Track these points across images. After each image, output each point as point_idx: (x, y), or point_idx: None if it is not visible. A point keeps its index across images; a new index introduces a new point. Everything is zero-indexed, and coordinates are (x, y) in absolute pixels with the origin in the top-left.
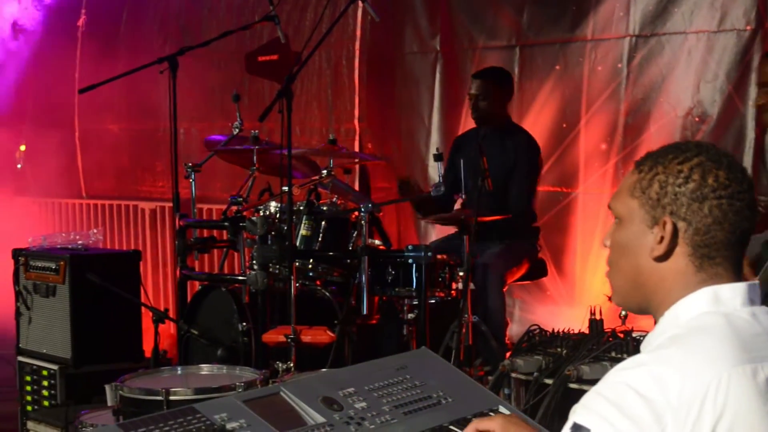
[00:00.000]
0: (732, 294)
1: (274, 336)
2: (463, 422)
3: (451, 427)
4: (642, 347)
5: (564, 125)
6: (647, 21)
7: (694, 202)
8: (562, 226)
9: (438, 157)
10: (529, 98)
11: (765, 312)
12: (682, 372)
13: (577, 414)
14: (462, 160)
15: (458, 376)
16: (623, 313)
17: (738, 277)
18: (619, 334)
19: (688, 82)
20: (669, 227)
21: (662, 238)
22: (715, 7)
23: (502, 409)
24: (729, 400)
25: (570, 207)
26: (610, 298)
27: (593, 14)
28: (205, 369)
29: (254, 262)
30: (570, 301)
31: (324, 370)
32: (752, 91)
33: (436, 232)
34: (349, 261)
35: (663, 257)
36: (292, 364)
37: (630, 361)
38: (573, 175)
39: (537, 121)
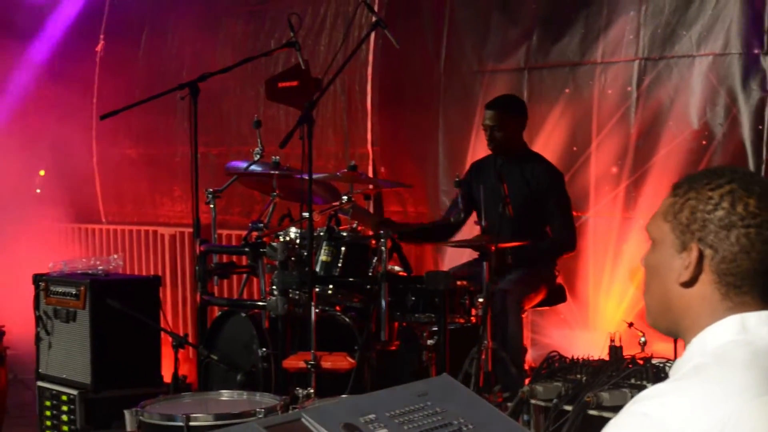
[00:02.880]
0: (759, 321)
1: (295, 362)
2: None
3: None
4: (670, 373)
5: (574, 148)
6: (656, 44)
7: (722, 230)
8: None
9: (458, 184)
10: (538, 122)
11: None
12: (700, 404)
13: None
14: (481, 187)
15: (479, 403)
16: (643, 339)
17: (766, 306)
18: (639, 361)
19: (696, 104)
20: (695, 254)
21: (689, 263)
22: (722, 30)
23: None
24: (749, 430)
25: (581, 230)
26: (630, 324)
27: (602, 37)
28: (225, 395)
29: (274, 287)
30: (583, 324)
31: (344, 396)
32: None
33: (462, 258)
34: (368, 287)
35: (689, 283)
36: (312, 390)
37: (650, 391)
38: (584, 198)
39: (547, 144)
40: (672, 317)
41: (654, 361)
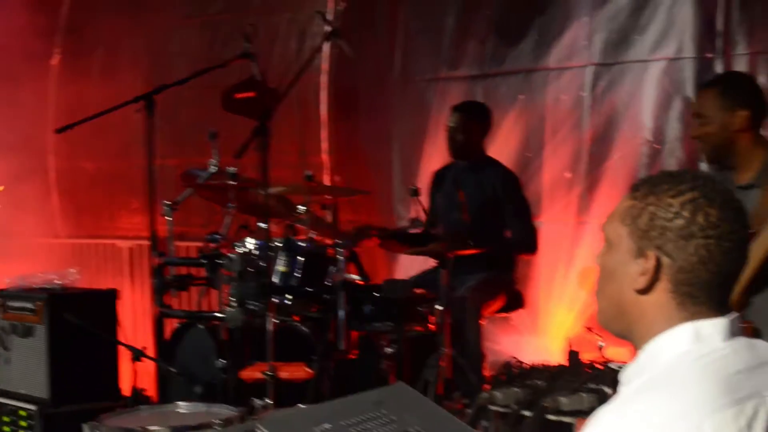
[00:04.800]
0: (713, 330)
1: (252, 373)
2: None
3: None
4: (621, 378)
5: (528, 154)
6: (609, 49)
7: (681, 240)
8: None
9: (414, 192)
10: (493, 128)
11: (746, 346)
12: (657, 422)
13: None
14: (440, 195)
15: (435, 411)
16: (601, 344)
17: (721, 314)
18: (597, 366)
19: (649, 109)
20: (652, 262)
21: (646, 271)
22: (676, 35)
23: None
24: None
25: None
26: (589, 329)
27: (556, 43)
28: (183, 407)
29: (232, 299)
30: (534, 331)
31: (301, 406)
32: None
33: (415, 267)
34: (326, 296)
35: (644, 290)
36: (269, 401)
37: (607, 411)
38: (537, 203)
39: (502, 150)
40: (625, 322)
41: (612, 365)
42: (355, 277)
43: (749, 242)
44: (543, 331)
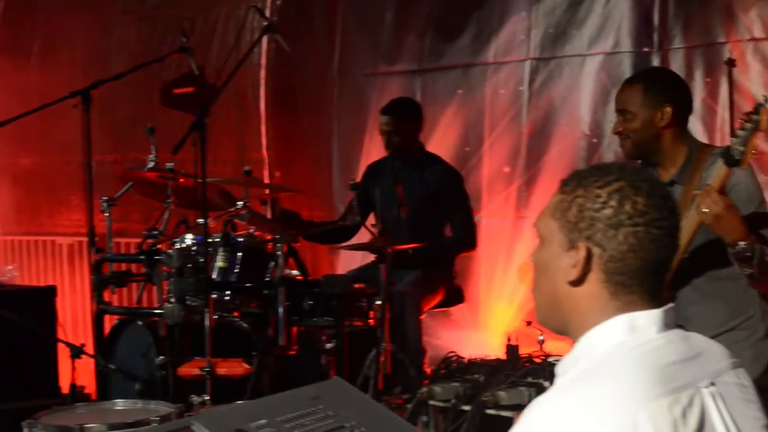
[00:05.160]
0: (647, 321)
1: (190, 369)
2: None
3: None
4: (557, 371)
5: (467, 149)
6: (547, 44)
7: (610, 229)
8: None
9: (354, 187)
10: (432, 123)
11: (681, 337)
12: (593, 412)
13: None
14: (377, 190)
15: (372, 406)
16: (541, 338)
17: (655, 305)
18: (535, 360)
19: (587, 103)
20: (582, 252)
21: (577, 262)
22: (613, 29)
23: None
24: None
25: None
26: (528, 323)
27: (494, 38)
28: (121, 404)
29: (171, 295)
30: (474, 325)
31: (238, 402)
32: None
33: (355, 261)
34: (266, 292)
35: (577, 282)
36: (207, 397)
37: (543, 400)
38: (476, 198)
39: (440, 145)
40: (561, 315)
41: (551, 359)
42: (294, 272)
43: (678, 229)
44: (483, 326)
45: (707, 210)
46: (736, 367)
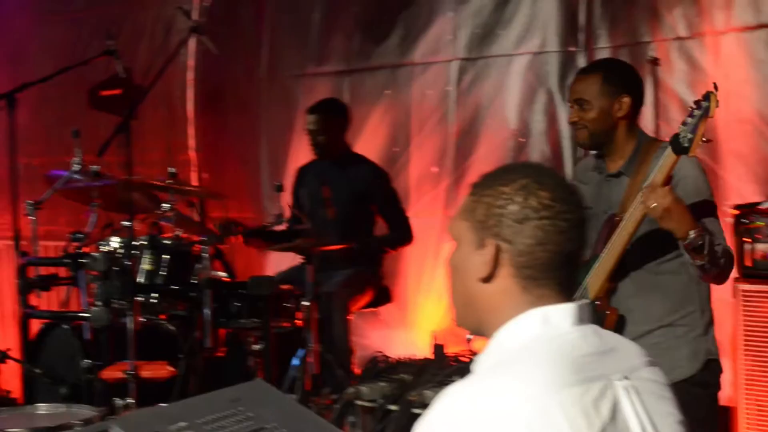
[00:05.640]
0: (561, 315)
1: (113, 372)
2: None
3: None
4: (472, 367)
5: (395, 149)
6: (474, 44)
7: (517, 224)
8: None
9: (279, 188)
10: (360, 123)
11: (594, 332)
12: (505, 400)
13: None
14: (305, 191)
15: (293, 407)
16: (469, 337)
17: (566, 297)
18: (462, 359)
19: (514, 103)
20: (491, 249)
21: (487, 259)
22: (539, 29)
23: None
24: (553, 426)
25: None
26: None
27: (422, 38)
28: (44, 408)
29: (97, 298)
30: (403, 324)
31: (160, 405)
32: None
33: (285, 263)
34: (192, 294)
35: (488, 278)
36: (132, 400)
37: (455, 388)
38: (404, 198)
39: (368, 145)
40: (476, 314)
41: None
42: (221, 274)
43: (586, 222)
44: (412, 325)
45: (656, 205)
46: (651, 365)
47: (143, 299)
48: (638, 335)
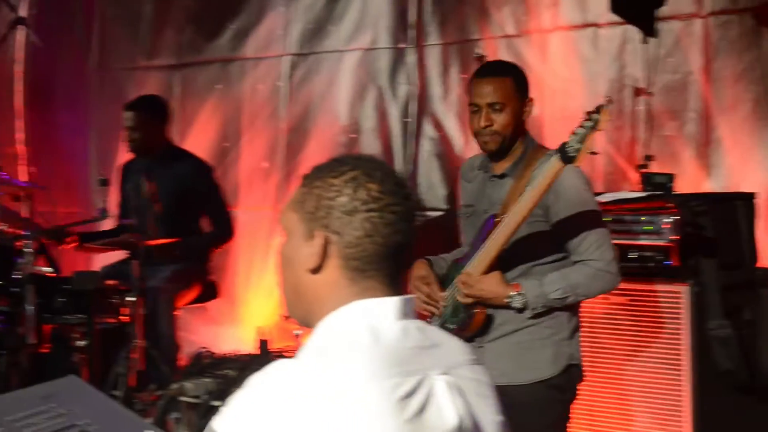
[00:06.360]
0: (383, 308)
1: None
2: None
3: None
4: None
5: (226, 144)
6: (305, 40)
7: (346, 215)
8: None
9: (103, 182)
10: (190, 117)
11: (417, 327)
12: (321, 383)
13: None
14: (130, 186)
15: (106, 403)
16: (297, 332)
17: (393, 290)
18: (286, 354)
19: (345, 99)
20: (320, 240)
21: (315, 250)
22: (370, 26)
23: None
24: (358, 415)
25: None
26: (286, 317)
27: (253, 33)
28: None
29: None
30: (232, 320)
31: None
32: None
33: (113, 258)
34: (15, 289)
35: (316, 269)
36: None
37: (272, 367)
38: (233, 193)
39: (198, 140)
40: (304, 305)
41: None
42: (45, 269)
43: (414, 214)
44: (240, 321)
45: (468, 299)
46: (474, 363)
47: None
48: (504, 334)
